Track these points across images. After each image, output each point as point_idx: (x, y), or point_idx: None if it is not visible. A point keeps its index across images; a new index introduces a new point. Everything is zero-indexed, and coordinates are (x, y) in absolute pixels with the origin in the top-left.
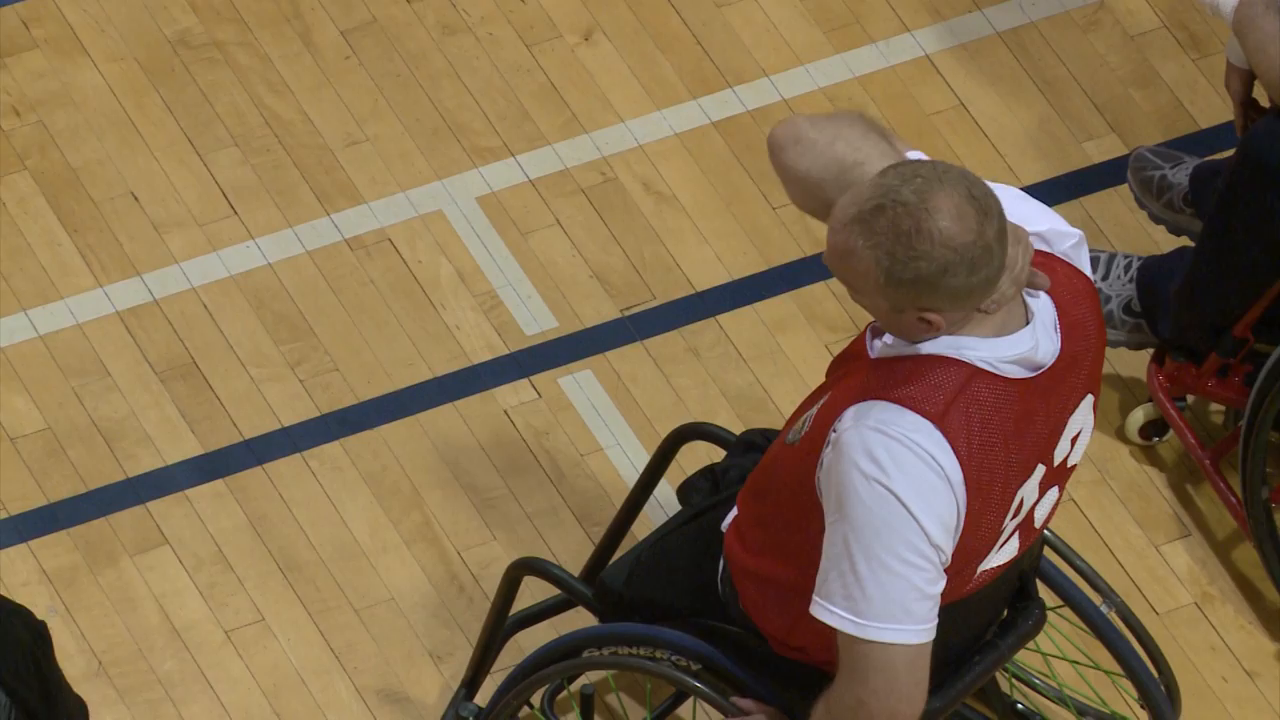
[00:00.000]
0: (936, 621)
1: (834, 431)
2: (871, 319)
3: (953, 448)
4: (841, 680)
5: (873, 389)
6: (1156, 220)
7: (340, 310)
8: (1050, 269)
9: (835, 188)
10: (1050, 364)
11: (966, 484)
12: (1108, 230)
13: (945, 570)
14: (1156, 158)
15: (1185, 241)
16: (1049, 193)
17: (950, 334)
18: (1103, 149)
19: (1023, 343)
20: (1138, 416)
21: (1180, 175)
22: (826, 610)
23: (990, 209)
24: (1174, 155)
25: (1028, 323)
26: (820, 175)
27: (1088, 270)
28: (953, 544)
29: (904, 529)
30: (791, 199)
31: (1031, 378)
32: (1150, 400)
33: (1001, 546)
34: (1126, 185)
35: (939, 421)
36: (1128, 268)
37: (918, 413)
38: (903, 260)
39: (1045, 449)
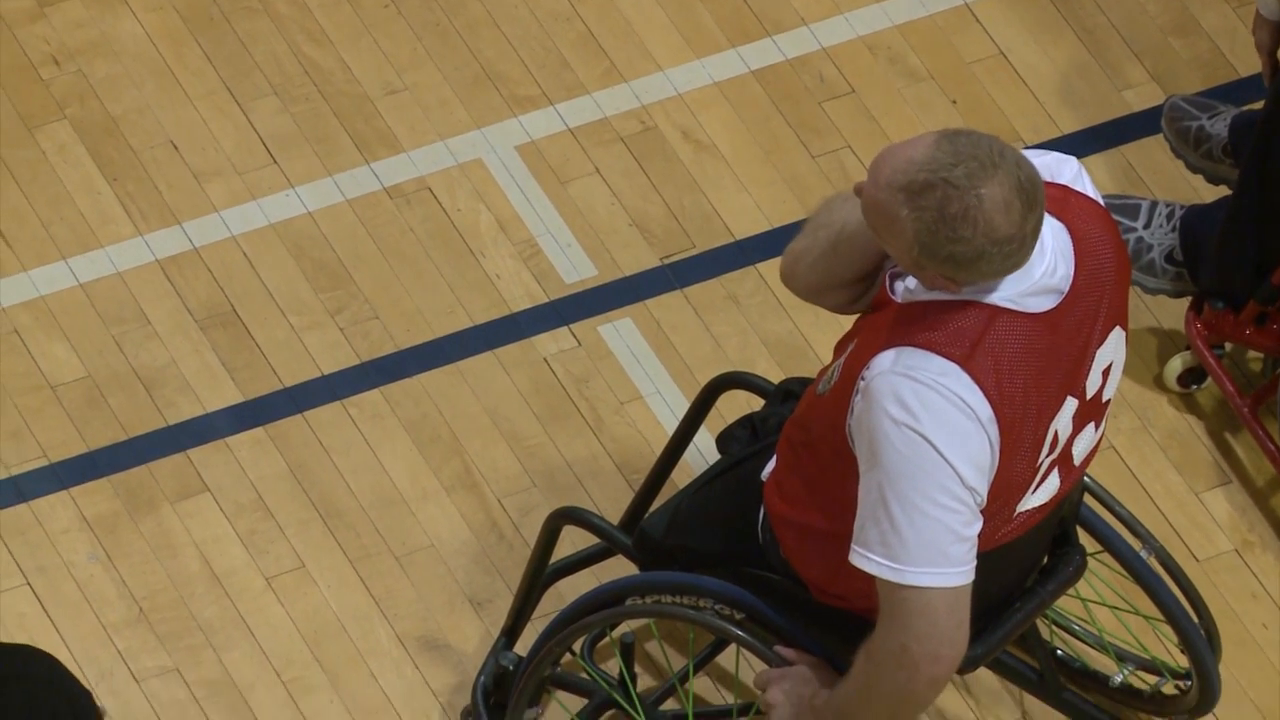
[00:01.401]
0: (974, 564)
1: (862, 380)
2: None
3: (981, 388)
4: (883, 627)
5: (898, 335)
6: (1194, 169)
7: (380, 258)
8: (1067, 202)
9: (846, 260)
10: (1068, 289)
11: (998, 423)
12: (1147, 178)
13: (982, 511)
14: (1193, 107)
15: (1226, 190)
16: (1088, 141)
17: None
18: (1142, 97)
19: (1036, 271)
20: (1175, 364)
21: (1219, 126)
22: (864, 558)
23: (1036, 200)
24: (1210, 105)
25: (1038, 249)
26: (829, 268)
27: (1095, 195)
28: (987, 485)
29: (937, 472)
30: (839, 306)
31: (1053, 309)
32: (1188, 348)
33: (1040, 484)
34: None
35: (965, 364)
36: (1170, 216)
37: (944, 356)
38: (943, 240)
39: (1074, 381)
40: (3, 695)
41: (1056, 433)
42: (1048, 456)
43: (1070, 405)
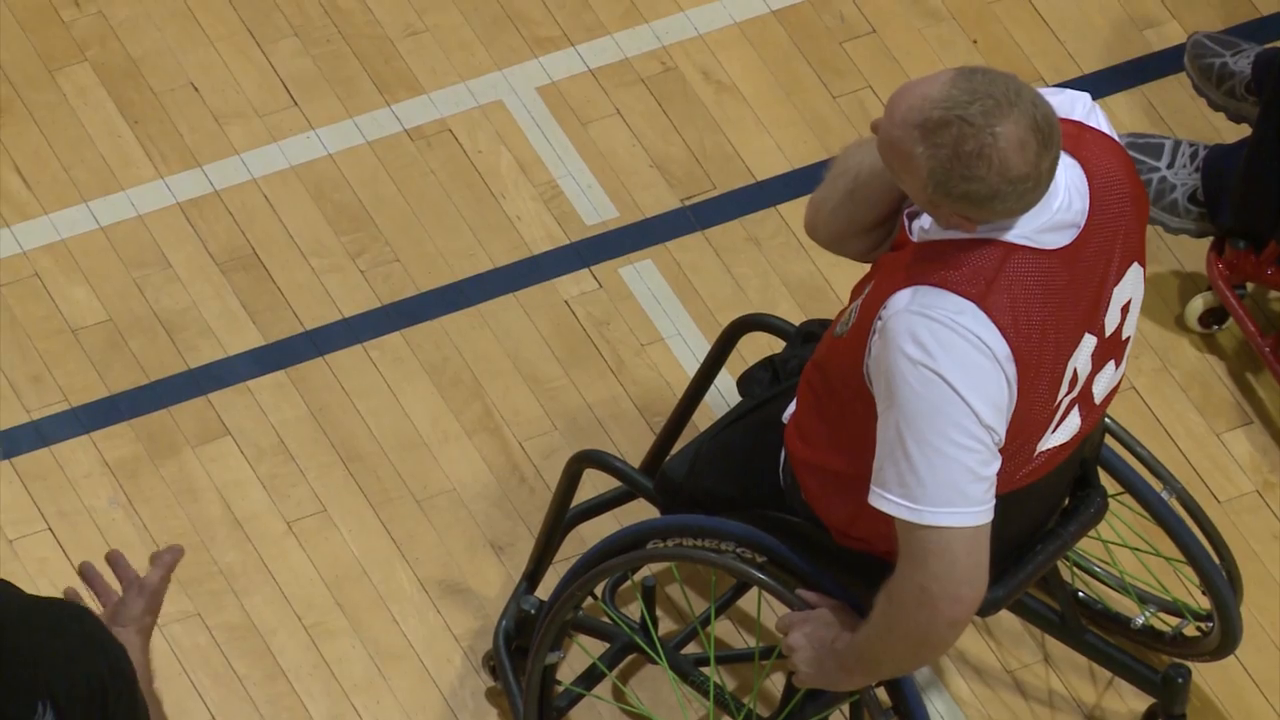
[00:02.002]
0: (993, 503)
1: (879, 319)
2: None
3: (998, 326)
4: (902, 567)
5: (915, 275)
6: (1216, 107)
7: (401, 201)
8: (1081, 138)
9: (864, 205)
10: (1083, 224)
11: (1015, 360)
12: (1168, 117)
13: (1001, 450)
14: (1216, 44)
15: (1248, 129)
16: (1109, 80)
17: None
18: (1163, 36)
19: (1052, 205)
20: (1197, 304)
21: (1241, 63)
22: (882, 498)
23: (1052, 139)
24: (1233, 42)
25: (1052, 185)
26: (849, 214)
27: (1109, 130)
28: (1005, 423)
29: (953, 411)
30: (861, 253)
31: (1068, 245)
32: (1210, 288)
33: (1061, 423)
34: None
35: (981, 301)
36: (1193, 156)
37: (960, 294)
38: (957, 178)
39: (1092, 318)
40: (40, 649)
41: (1076, 370)
42: (1067, 395)
43: (1089, 343)
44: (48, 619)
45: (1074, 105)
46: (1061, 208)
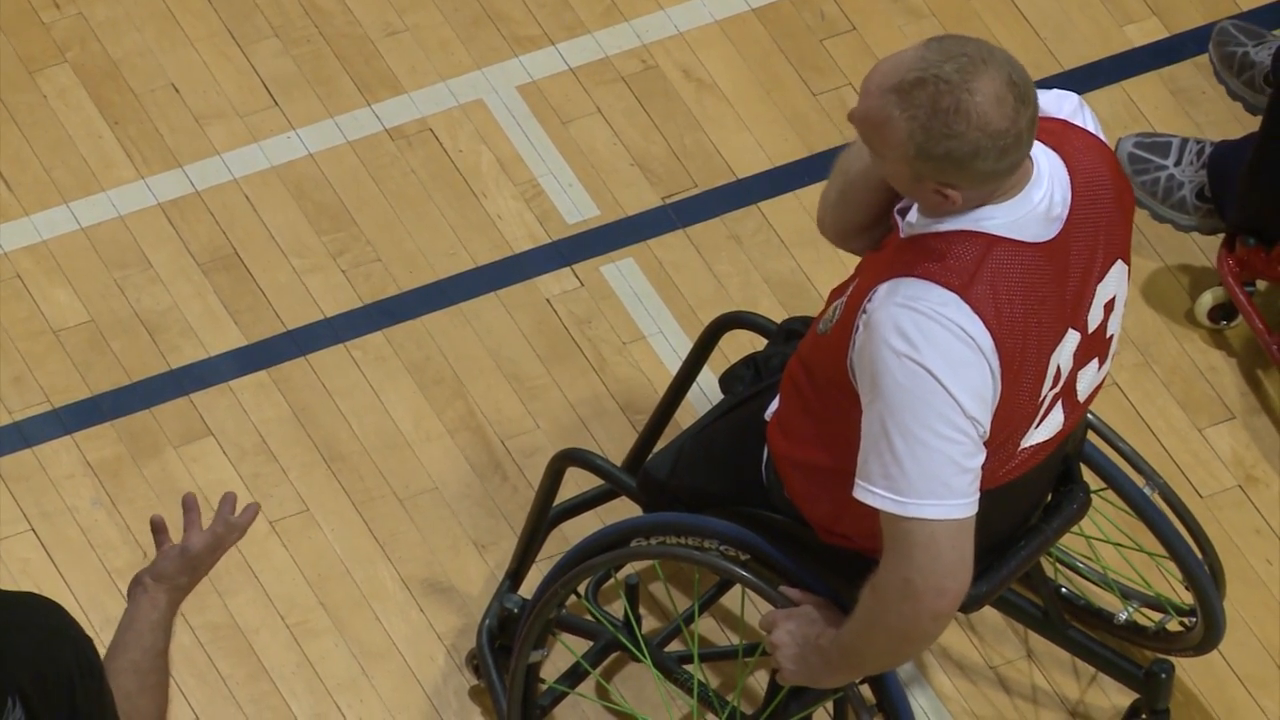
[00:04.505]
0: (978, 496)
1: (863, 312)
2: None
3: (981, 318)
4: (887, 561)
5: (898, 268)
6: (1234, 97)
7: (382, 200)
8: (1065, 136)
9: (855, 205)
10: (1066, 220)
11: (999, 353)
12: (1149, 114)
13: (986, 444)
14: (1240, 33)
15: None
16: (1089, 76)
17: (968, 209)
18: (1144, 32)
19: (1034, 196)
20: (1206, 300)
21: (1263, 54)
22: (868, 491)
23: (1028, 97)
24: (1258, 32)
25: (1035, 176)
26: (844, 214)
27: (1096, 129)
28: (990, 415)
29: (937, 403)
30: (866, 250)
31: (1051, 239)
32: (1221, 283)
33: (1043, 420)
34: (1171, 68)
35: (964, 293)
36: (1200, 153)
37: (943, 285)
38: (937, 136)
39: (1075, 313)
40: (9, 644)
41: (1059, 367)
42: (1050, 391)
43: (1072, 339)
44: (13, 614)
45: (1061, 103)
46: (1044, 201)
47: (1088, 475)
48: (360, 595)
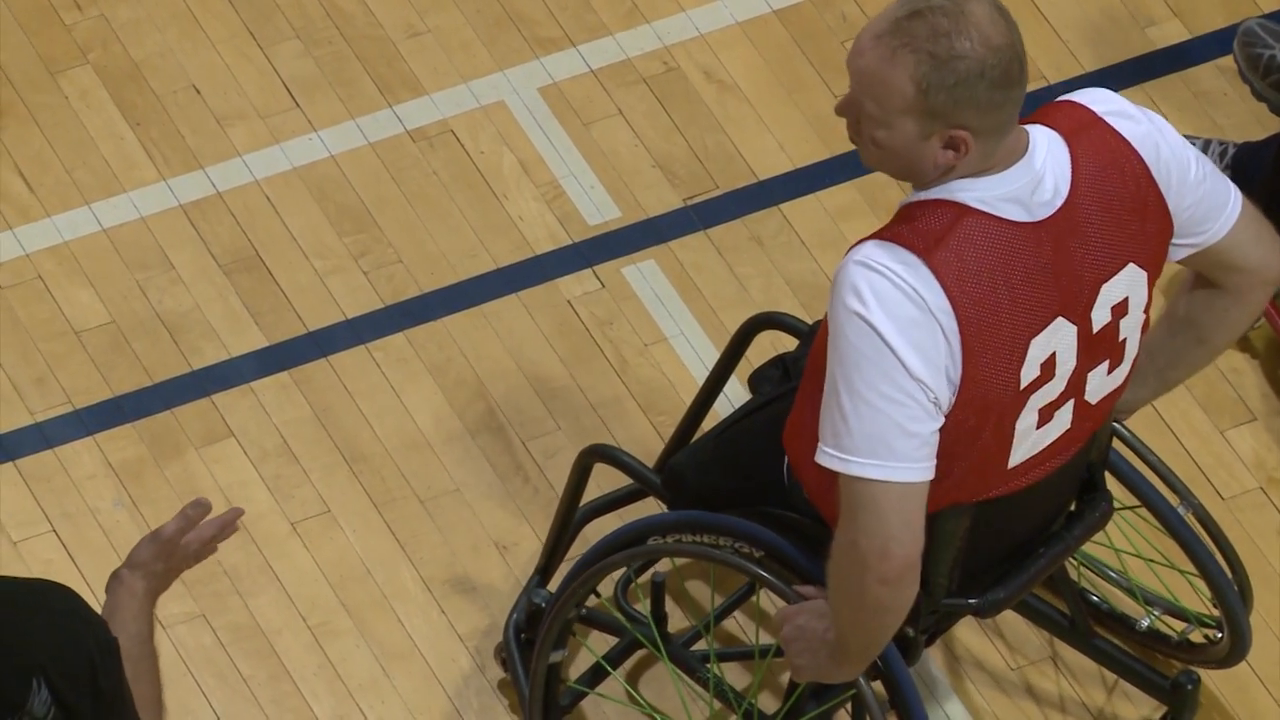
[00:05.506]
0: (930, 464)
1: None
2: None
3: (940, 283)
4: (839, 525)
5: (874, 234)
6: (1259, 98)
7: (403, 201)
8: (1087, 128)
9: None
10: (1059, 206)
11: (958, 319)
12: (1171, 116)
13: (948, 416)
14: (1267, 34)
15: None
16: (1110, 78)
17: (949, 179)
18: (1165, 34)
19: (1018, 178)
20: None
21: None
22: (821, 452)
23: (1014, 26)
24: None
25: (1026, 157)
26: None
27: (1128, 134)
28: (945, 383)
29: (882, 362)
30: None
31: (1035, 222)
32: None
33: (1049, 419)
34: (1194, 70)
35: (926, 256)
36: (1223, 154)
37: (905, 247)
38: (944, 59)
39: (1069, 305)
40: (26, 626)
41: (1054, 357)
42: (1044, 382)
43: (1066, 330)
44: (31, 597)
45: (1095, 98)
46: (1029, 182)
47: (1122, 493)
48: (381, 596)
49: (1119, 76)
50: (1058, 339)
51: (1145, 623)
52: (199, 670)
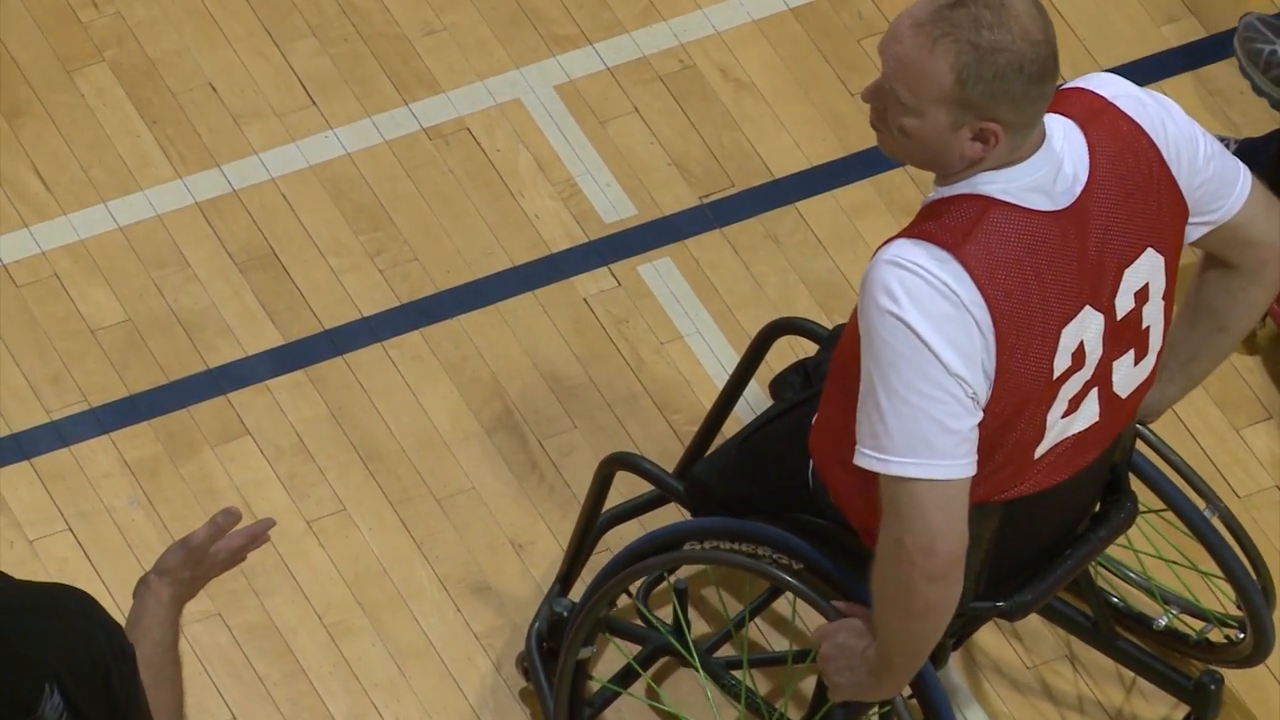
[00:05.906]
0: (971, 460)
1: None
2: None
3: (971, 276)
4: (882, 526)
5: (901, 232)
6: (1259, 93)
7: (419, 200)
8: (1100, 114)
9: None
10: (1079, 194)
11: (991, 312)
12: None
13: (987, 410)
14: (1268, 29)
15: None
16: (1126, 76)
17: (973, 173)
18: (1181, 32)
19: (1039, 166)
20: None
21: None
22: (860, 454)
23: (1050, 22)
24: None
25: (1045, 147)
26: None
27: (1142, 120)
28: (981, 377)
29: (919, 360)
30: None
31: (1058, 210)
32: None
33: (1075, 409)
34: (1209, 68)
35: (955, 250)
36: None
37: (935, 243)
38: (986, 51)
39: (1094, 293)
40: (40, 631)
41: (1083, 345)
42: (1074, 372)
43: (1094, 319)
44: (45, 601)
45: (1103, 83)
46: (1051, 172)
47: (1147, 496)
48: (398, 595)
49: (1134, 74)
50: (1086, 327)
51: (1163, 621)
52: (215, 669)
